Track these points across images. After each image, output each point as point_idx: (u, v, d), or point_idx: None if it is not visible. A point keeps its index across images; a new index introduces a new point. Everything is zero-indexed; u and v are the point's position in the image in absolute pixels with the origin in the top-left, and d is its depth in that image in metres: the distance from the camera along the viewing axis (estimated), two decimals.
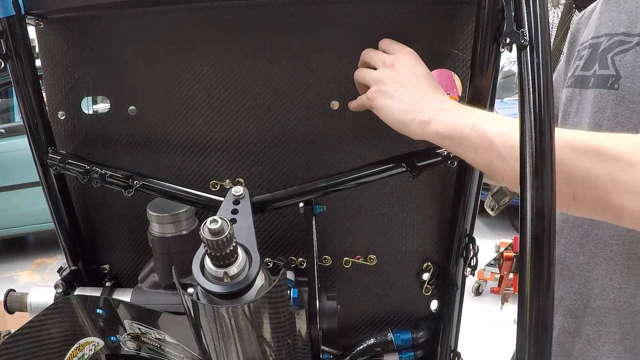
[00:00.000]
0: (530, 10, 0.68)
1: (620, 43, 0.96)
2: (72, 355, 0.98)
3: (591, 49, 1.06)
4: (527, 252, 0.66)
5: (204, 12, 0.93)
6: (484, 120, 0.74)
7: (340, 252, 1.06)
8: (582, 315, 1.05)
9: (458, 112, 0.77)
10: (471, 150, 0.74)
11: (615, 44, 0.97)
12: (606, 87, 0.97)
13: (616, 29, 0.99)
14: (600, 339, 1.03)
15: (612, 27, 1.00)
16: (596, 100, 1.00)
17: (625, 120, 0.93)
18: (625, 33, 0.96)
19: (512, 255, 3.21)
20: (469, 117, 0.74)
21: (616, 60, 0.96)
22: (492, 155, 0.72)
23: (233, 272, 0.71)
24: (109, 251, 1.12)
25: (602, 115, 0.98)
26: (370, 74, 0.85)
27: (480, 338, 3.08)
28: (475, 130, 0.73)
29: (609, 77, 0.96)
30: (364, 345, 1.07)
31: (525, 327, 0.66)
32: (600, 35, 1.03)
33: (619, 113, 0.94)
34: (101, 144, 1.04)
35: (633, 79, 0.92)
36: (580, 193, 0.70)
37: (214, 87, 0.97)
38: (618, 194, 0.67)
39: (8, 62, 0.90)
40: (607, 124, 0.97)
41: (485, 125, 0.73)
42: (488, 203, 1.48)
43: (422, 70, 0.83)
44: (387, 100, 0.81)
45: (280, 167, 1.01)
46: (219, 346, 0.80)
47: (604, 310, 1.01)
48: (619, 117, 0.94)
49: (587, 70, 1.05)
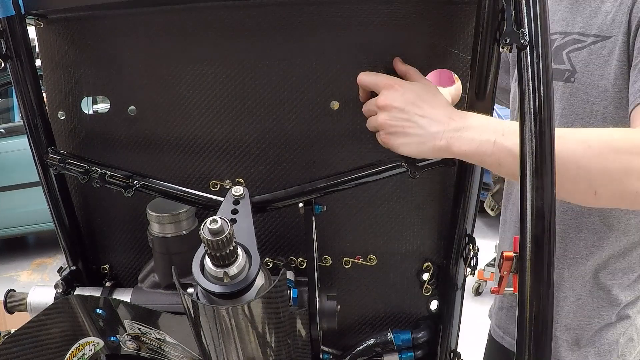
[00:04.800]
0: (530, 10, 0.68)
1: (575, 41, 1.08)
2: (72, 355, 0.98)
3: None
4: (527, 252, 0.66)
5: (203, 12, 0.93)
6: (502, 133, 0.75)
7: (340, 252, 1.06)
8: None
9: (474, 129, 0.77)
10: (496, 164, 0.77)
11: (570, 41, 1.09)
12: (562, 79, 1.08)
13: (570, 28, 1.10)
14: (559, 303, 1.14)
15: (567, 26, 1.11)
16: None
17: (579, 110, 1.06)
18: (580, 33, 1.08)
19: (512, 255, 3.21)
20: (487, 134, 0.76)
21: (572, 56, 1.07)
22: (516, 166, 0.73)
23: (233, 272, 0.71)
24: (109, 251, 1.12)
25: (557, 105, 1.09)
26: (372, 122, 0.85)
27: (480, 338, 3.07)
28: (497, 146, 0.75)
29: (565, 71, 1.08)
30: (364, 345, 1.07)
31: (525, 327, 0.66)
32: (555, 33, 1.12)
33: (574, 103, 1.06)
34: (101, 144, 1.04)
35: (587, 73, 1.04)
36: (600, 188, 0.76)
37: (214, 87, 0.97)
38: (633, 182, 0.73)
39: (8, 62, 0.90)
40: (562, 112, 1.08)
41: (505, 139, 0.74)
42: (488, 203, 1.48)
43: (414, 93, 0.82)
44: (400, 140, 0.81)
45: (280, 167, 1.01)
46: (219, 346, 0.80)
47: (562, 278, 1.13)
48: (574, 107, 1.06)
49: None
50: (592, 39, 1.05)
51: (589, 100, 1.04)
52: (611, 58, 1.00)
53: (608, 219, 1.07)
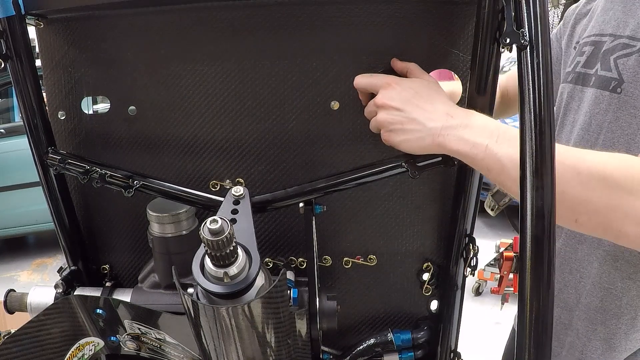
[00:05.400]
0: (530, 10, 0.68)
1: (625, 46, 0.97)
2: (72, 355, 0.98)
3: (593, 46, 1.06)
4: (527, 252, 0.66)
5: (204, 12, 0.93)
6: (496, 139, 0.74)
7: (340, 252, 1.06)
8: (574, 309, 1.07)
9: (470, 129, 0.76)
10: (485, 170, 0.76)
11: (620, 46, 0.98)
12: (608, 89, 0.98)
13: (621, 31, 1.00)
14: (586, 335, 1.06)
15: (617, 28, 1.01)
16: (597, 101, 1.01)
17: (625, 125, 0.95)
18: (630, 36, 0.97)
19: (512, 255, 3.21)
20: (481, 137, 0.75)
21: (619, 63, 0.97)
22: (503, 177, 0.74)
23: (233, 272, 0.71)
24: (109, 251, 1.12)
25: (603, 118, 0.99)
26: (374, 122, 0.85)
27: (480, 338, 3.07)
28: (488, 152, 0.74)
29: (612, 80, 0.97)
30: (364, 345, 1.07)
31: (525, 327, 0.66)
32: (605, 34, 1.03)
33: (620, 117, 0.96)
34: (101, 144, 1.04)
35: (636, 84, 0.93)
36: (583, 217, 0.73)
37: (214, 87, 0.97)
38: (617, 221, 0.71)
39: (8, 62, 0.90)
40: (608, 127, 0.98)
41: (497, 147, 0.73)
42: (488, 203, 1.48)
43: (412, 90, 0.82)
44: (400, 137, 0.81)
45: (280, 167, 1.01)
46: (219, 346, 0.80)
47: (592, 307, 1.04)
48: (620, 121, 0.96)
49: (589, 68, 1.05)
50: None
51: (637, 115, 0.93)
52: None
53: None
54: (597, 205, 0.71)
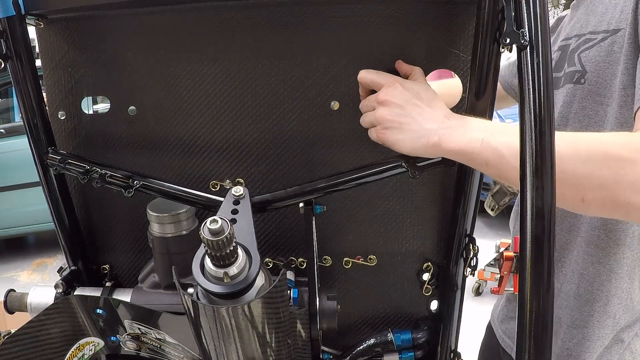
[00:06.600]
0: (530, 10, 0.68)
1: (587, 41, 1.01)
2: (72, 355, 0.98)
3: (560, 51, 1.11)
4: (527, 252, 0.66)
5: (204, 12, 0.93)
6: (491, 132, 0.75)
7: (340, 252, 1.06)
8: (556, 297, 1.08)
9: (465, 127, 0.77)
10: (483, 163, 0.76)
11: (582, 42, 1.02)
12: (573, 82, 1.02)
13: (584, 29, 1.04)
14: (566, 322, 1.08)
15: (581, 28, 1.06)
16: (565, 95, 1.05)
17: (592, 113, 0.98)
18: (592, 32, 1.01)
19: (512, 255, 3.21)
20: (476, 132, 0.76)
21: (582, 57, 1.00)
22: (503, 166, 0.74)
23: (233, 272, 0.71)
24: (109, 251, 1.12)
25: (568, 109, 1.03)
26: (369, 117, 0.85)
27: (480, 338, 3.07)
28: (484, 144, 0.74)
29: (576, 73, 1.01)
30: (364, 346, 1.07)
31: (525, 327, 0.66)
32: (570, 37, 1.08)
33: (586, 106, 0.99)
34: (101, 144, 1.04)
35: (598, 72, 0.96)
36: (589, 195, 0.72)
37: (214, 87, 0.97)
38: (624, 192, 0.70)
39: (8, 62, 0.90)
40: (574, 117, 1.02)
41: (493, 138, 0.74)
42: (488, 203, 1.48)
43: (414, 91, 0.82)
44: (396, 136, 0.82)
45: (280, 167, 1.01)
46: (219, 346, 0.80)
47: (571, 294, 1.07)
48: (586, 110, 0.99)
49: (558, 72, 1.09)
50: (601, 35, 0.97)
51: (602, 102, 0.96)
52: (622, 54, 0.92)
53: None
54: (601, 178, 0.70)
